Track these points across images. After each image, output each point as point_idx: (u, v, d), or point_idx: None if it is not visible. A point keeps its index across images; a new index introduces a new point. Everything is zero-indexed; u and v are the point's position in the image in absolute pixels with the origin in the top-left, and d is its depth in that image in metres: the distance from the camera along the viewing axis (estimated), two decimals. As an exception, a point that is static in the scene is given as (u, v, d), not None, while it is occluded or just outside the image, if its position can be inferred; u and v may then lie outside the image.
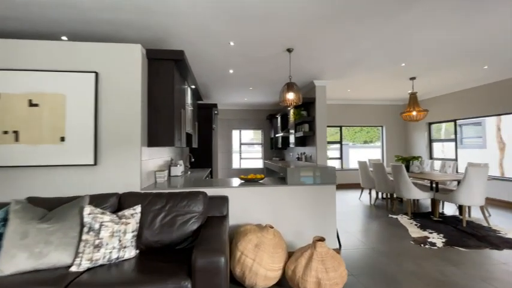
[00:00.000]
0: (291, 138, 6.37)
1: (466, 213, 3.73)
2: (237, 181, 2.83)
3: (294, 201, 2.65)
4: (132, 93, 2.41)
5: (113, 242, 1.66)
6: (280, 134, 6.95)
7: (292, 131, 6.21)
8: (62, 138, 2.28)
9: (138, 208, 1.93)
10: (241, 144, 8.60)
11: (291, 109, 6.12)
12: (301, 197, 2.66)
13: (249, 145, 8.83)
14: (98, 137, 2.35)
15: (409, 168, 4.97)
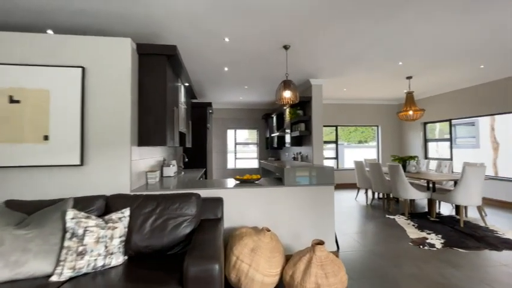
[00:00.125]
0: (287, 138, 6.29)
1: (463, 214, 3.70)
2: (232, 182, 2.72)
3: (291, 202, 2.56)
4: (121, 89, 2.28)
5: (98, 248, 1.54)
6: (275, 134, 6.87)
7: (288, 130, 6.13)
8: (46, 137, 2.14)
9: (126, 211, 1.81)
10: (236, 144, 8.49)
11: (287, 108, 6.04)
12: (298, 198, 2.57)
13: (244, 145, 8.73)
14: (85, 135, 2.22)
15: (406, 168, 4.94)
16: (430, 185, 4.43)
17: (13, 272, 1.38)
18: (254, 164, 8.59)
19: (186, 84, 3.71)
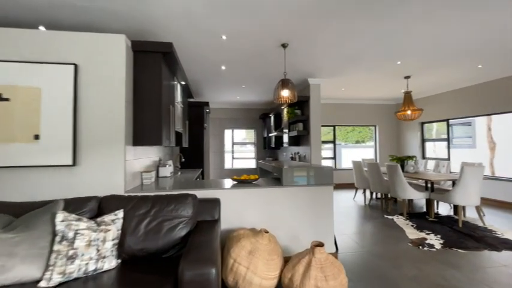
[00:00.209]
0: (285, 138, 6.24)
1: (462, 214, 3.68)
2: (229, 182, 2.67)
3: (290, 203, 2.51)
4: (115, 87, 2.22)
5: (89, 252, 1.47)
6: (273, 134, 6.82)
7: (285, 130, 6.09)
8: (36, 136, 2.07)
9: (120, 213, 1.75)
10: (233, 143, 8.43)
11: (285, 108, 6.00)
12: (297, 198, 2.52)
13: (241, 145, 8.67)
14: (77, 135, 2.15)
15: (404, 168, 4.92)
16: (429, 185, 4.41)
17: (-1, 278, 1.32)
18: (252, 164, 8.53)
19: (183, 82, 3.65)
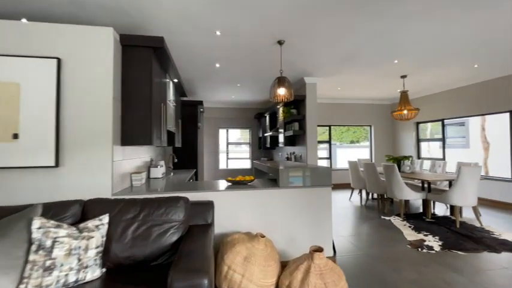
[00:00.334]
0: (280, 138, 6.15)
1: (459, 214, 3.65)
2: (223, 184, 2.56)
3: (287, 205, 2.41)
4: (102, 83, 2.09)
5: (69, 261, 1.35)
6: (268, 133, 6.72)
7: (281, 130, 6.00)
8: (15, 136, 1.92)
9: (105, 218, 1.63)
10: (228, 143, 8.31)
11: (281, 107, 5.91)
12: (294, 200, 2.43)
13: (236, 145, 8.55)
14: (61, 134, 2.01)
15: (400, 168, 4.88)
16: (425, 185, 4.38)
17: (-35, 293, 1.18)
18: (247, 165, 8.42)
19: (175, 80, 3.52)
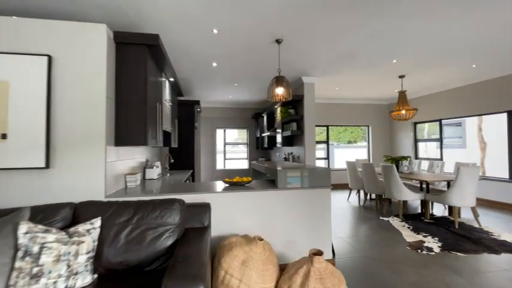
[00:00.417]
0: (278, 138, 6.11)
1: (458, 215, 3.63)
2: (221, 185, 2.50)
3: (285, 206, 2.36)
4: (95, 82, 2.02)
5: (58, 268, 1.28)
6: (266, 134, 6.68)
7: (279, 130, 5.96)
8: (4, 136, 1.85)
9: (97, 222, 1.56)
10: (225, 144, 8.24)
11: (278, 107, 5.87)
12: (292, 202, 2.38)
13: (233, 145, 8.49)
14: (52, 134, 1.94)
15: (398, 168, 4.86)
16: (424, 185, 4.36)
17: None
18: (244, 165, 8.37)
19: (171, 79, 3.45)
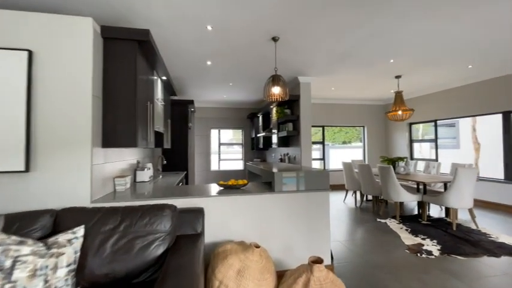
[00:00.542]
0: (274, 138, 6.02)
1: (455, 216, 3.60)
2: (215, 188, 2.39)
3: (282, 210, 2.26)
4: (80, 79, 1.89)
5: (34, 284, 1.15)
6: (261, 134, 6.58)
7: (274, 130, 5.87)
8: (-22, 137, 1.71)
9: (79, 231, 1.44)
10: (220, 144, 8.12)
11: (274, 107, 5.77)
12: (290, 205, 2.28)
13: (228, 145, 8.37)
14: (32, 135, 1.80)
15: (395, 169, 4.82)
16: (421, 186, 4.32)
17: None
18: (239, 166, 8.25)
19: (164, 78, 3.32)
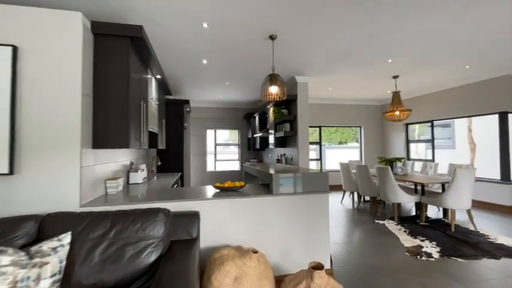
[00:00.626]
0: (271, 139, 5.96)
1: (454, 218, 3.57)
2: (211, 190, 2.31)
3: (281, 214, 2.19)
4: (69, 77, 1.80)
5: (14, 297, 1.07)
6: (258, 134, 6.51)
7: (271, 131, 5.80)
8: (-42, 137, 1.60)
9: (65, 238, 1.35)
10: (216, 145, 8.02)
11: (271, 107, 5.71)
12: (288, 208, 2.21)
13: (224, 146, 8.28)
14: (17, 135, 1.70)
15: (392, 169, 4.79)
16: (419, 187, 4.30)
17: None
18: (235, 166, 8.17)
19: (158, 77, 3.23)
